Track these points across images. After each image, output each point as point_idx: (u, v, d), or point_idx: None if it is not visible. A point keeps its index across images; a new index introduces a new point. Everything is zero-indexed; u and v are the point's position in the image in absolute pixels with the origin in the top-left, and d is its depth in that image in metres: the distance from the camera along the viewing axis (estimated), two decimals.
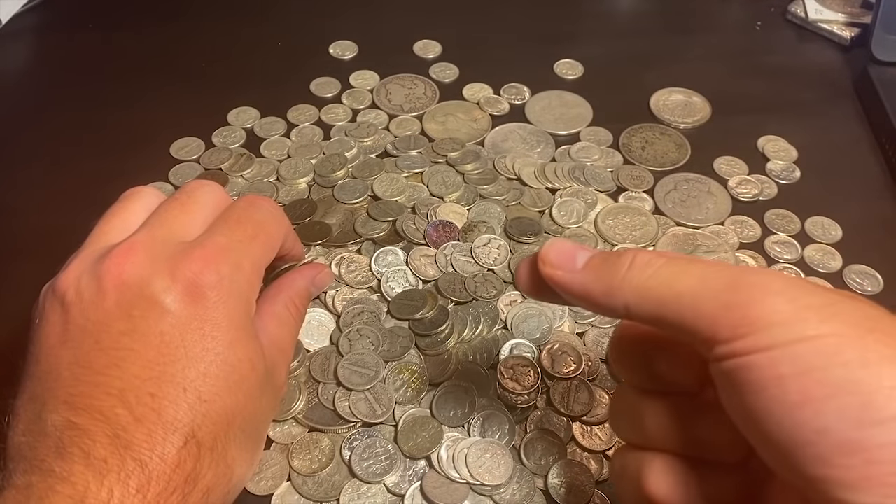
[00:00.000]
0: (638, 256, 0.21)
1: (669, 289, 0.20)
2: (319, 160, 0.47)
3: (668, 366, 0.23)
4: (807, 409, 0.17)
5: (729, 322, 0.19)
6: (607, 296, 0.21)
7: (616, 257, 0.22)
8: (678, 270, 0.20)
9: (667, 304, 0.20)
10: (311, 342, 0.38)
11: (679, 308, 0.20)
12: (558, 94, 0.54)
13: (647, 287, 0.21)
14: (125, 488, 0.23)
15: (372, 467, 0.34)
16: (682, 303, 0.20)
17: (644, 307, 0.21)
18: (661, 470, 0.22)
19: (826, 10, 0.60)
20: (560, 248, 0.23)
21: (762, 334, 0.18)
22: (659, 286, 0.20)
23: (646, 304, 0.20)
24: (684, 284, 0.20)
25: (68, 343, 0.26)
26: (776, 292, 0.18)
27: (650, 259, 0.21)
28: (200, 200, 0.30)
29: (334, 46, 0.58)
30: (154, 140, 0.49)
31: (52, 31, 0.60)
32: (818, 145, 0.50)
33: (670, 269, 0.20)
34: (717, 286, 0.19)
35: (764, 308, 0.18)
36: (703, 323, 0.19)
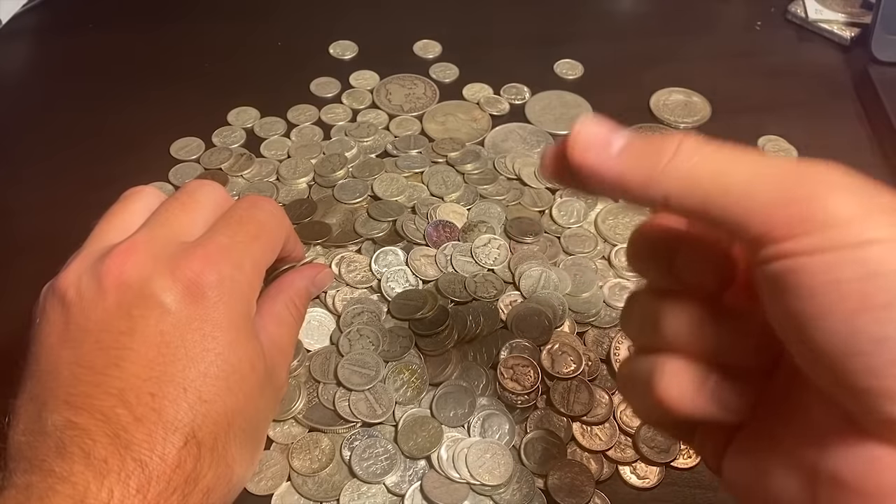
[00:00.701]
0: (685, 141, 0.19)
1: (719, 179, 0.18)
2: (319, 160, 0.47)
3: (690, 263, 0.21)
4: (866, 317, 0.16)
5: (785, 219, 0.16)
6: (646, 186, 0.19)
7: (660, 142, 0.19)
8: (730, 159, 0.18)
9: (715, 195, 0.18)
10: (311, 342, 0.38)
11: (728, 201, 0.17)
12: (558, 94, 0.54)
13: (694, 177, 0.18)
14: (125, 488, 0.23)
15: (372, 467, 0.34)
16: (733, 195, 0.17)
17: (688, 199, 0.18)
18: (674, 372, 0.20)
19: (826, 10, 0.60)
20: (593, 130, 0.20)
21: (823, 234, 0.16)
22: (707, 176, 0.18)
23: (691, 195, 0.18)
24: (736, 175, 0.18)
25: (69, 343, 0.26)
26: (841, 187, 0.17)
27: (697, 145, 0.19)
28: (201, 200, 0.30)
29: (334, 46, 0.58)
30: (154, 140, 0.49)
31: (52, 31, 0.60)
32: (818, 145, 0.50)
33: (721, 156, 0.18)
34: (774, 178, 0.17)
35: (826, 204, 0.16)
36: (756, 218, 0.17)
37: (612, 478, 0.34)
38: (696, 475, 0.34)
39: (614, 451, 0.35)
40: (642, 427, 0.35)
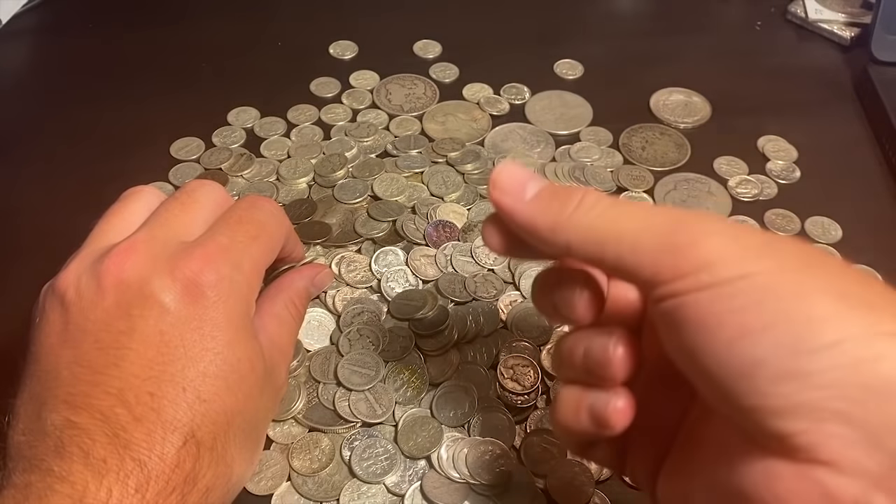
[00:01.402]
0: (587, 196, 0.21)
1: (613, 230, 0.20)
2: (319, 160, 0.47)
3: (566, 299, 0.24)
4: (743, 342, 0.18)
5: (670, 263, 0.19)
6: (552, 231, 0.21)
7: (566, 194, 0.22)
8: (622, 212, 0.21)
9: (609, 244, 0.20)
10: (311, 342, 0.38)
11: (621, 250, 0.20)
12: (558, 94, 0.54)
13: (592, 227, 0.21)
14: (124, 488, 0.23)
15: (372, 467, 0.33)
16: (624, 245, 0.20)
17: (586, 247, 0.21)
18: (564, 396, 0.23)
19: (826, 10, 0.60)
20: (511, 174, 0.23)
21: (702, 274, 0.18)
22: (603, 227, 0.21)
23: (589, 244, 0.21)
24: (627, 226, 0.20)
25: (68, 342, 0.26)
26: (716, 233, 0.19)
27: (596, 200, 0.21)
28: (201, 200, 0.30)
29: (334, 46, 0.58)
30: (154, 140, 0.49)
31: (52, 31, 0.60)
32: (818, 145, 0.50)
33: (615, 210, 0.21)
34: (659, 229, 0.20)
35: (704, 248, 0.19)
36: (645, 265, 0.19)
37: (612, 478, 0.34)
38: None
39: None
40: None
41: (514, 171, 0.23)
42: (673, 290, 0.19)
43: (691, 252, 0.19)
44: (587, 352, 0.22)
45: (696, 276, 0.18)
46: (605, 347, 0.22)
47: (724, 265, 0.18)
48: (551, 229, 0.22)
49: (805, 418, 0.17)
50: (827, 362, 0.17)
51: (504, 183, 0.23)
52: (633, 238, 0.20)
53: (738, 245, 0.19)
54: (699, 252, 0.19)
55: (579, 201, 0.21)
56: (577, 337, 0.23)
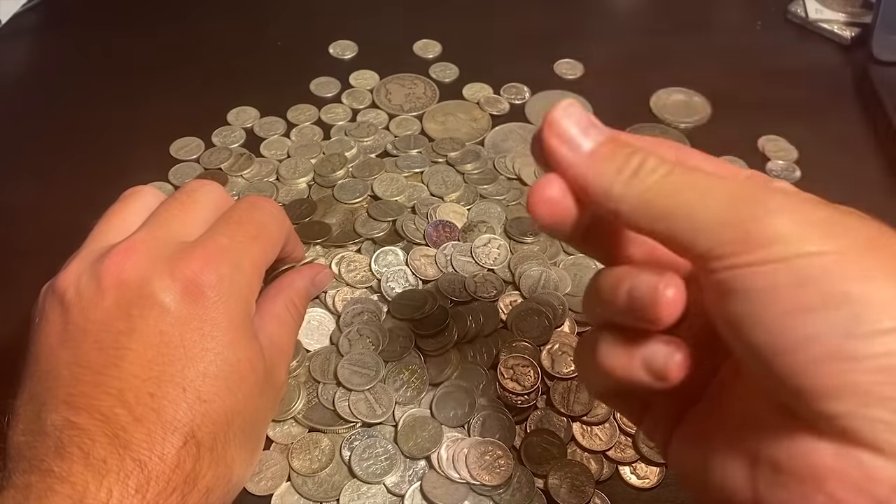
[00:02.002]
0: (646, 161, 0.20)
1: (669, 202, 0.19)
2: (319, 160, 0.47)
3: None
4: (797, 317, 0.17)
5: (728, 239, 0.18)
6: (604, 196, 0.20)
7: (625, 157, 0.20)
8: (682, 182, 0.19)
9: (663, 217, 0.19)
10: (311, 342, 0.38)
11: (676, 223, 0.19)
12: (558, 94, 0.54)
13: (647, 198, 0.20)
14: (124, 488, 0.23)
15: (372, 467, 0.33)
16: (680, 218, 0.19)
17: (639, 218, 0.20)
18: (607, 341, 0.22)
19: (826, 10, 0.60)
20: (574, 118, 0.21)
21: (763, 250, 0.18)
22: (658, 198, 0.19)
23: (642, 215, 0.20)
24: (685, 198, 0.19)
25: (68, 342, 0.26)
26: (780, 209, 0.18)
27: (656, 165, 0.20)
28: (201, 200, 0.30)
29: (334, 46, 0.58)
30: (154, 140, 0.49)
31: (52, 31, 0.60)
32: (818, 145, 0.50)
33: (672, 179, 0.20)
34: (718, 203, 0.19)
35: (765, 225, 0.18)
36: (702, 239, 0.19)
37: (612, 478, 0.34)
38: None
39: (614, 451, 0.35)
40: None
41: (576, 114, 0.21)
42: (731, 263, 0.18)
43: (752, 228, 0.18)
44: (632, 290, 0.21)
45: (757, 253, 0.18)
46: (655, 287, 0.20)
47: (787, 243, 0.18)
48: (604, 194, 0.20)
49: (851, 401, 0.17)
50: (881, 348, 0.17)
51: (563, 128, 0.21)
52: (689, 212, 0.19)
53: (804, 222, 0.18)
54: (762, 229, 0.18)
55: (638, 166, 0.20)
56: (621, 273, 0.21)
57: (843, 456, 0.17)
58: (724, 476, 0.20)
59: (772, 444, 0.19)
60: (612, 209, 0.20)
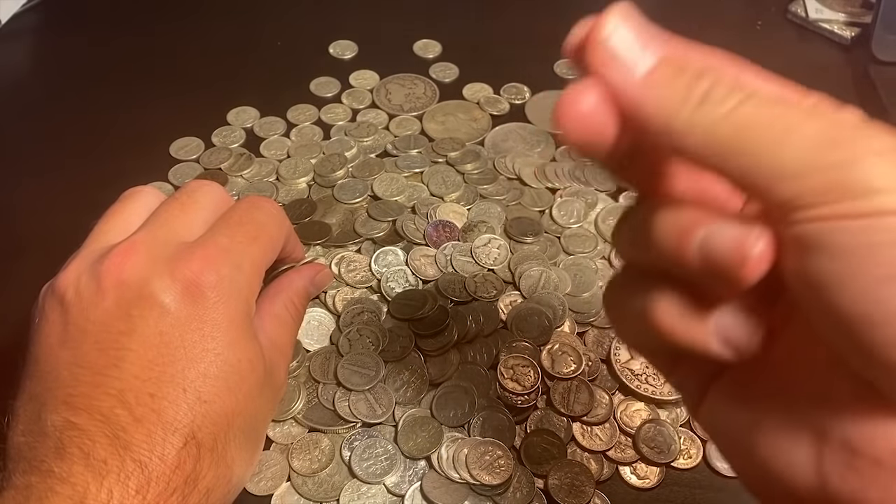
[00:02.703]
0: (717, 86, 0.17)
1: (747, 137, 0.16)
2: (319, 160, 0.47)
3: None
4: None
5: (819, 185, 0.15)
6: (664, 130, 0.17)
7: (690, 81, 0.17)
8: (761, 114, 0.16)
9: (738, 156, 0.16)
10: (311, 342, 0.38)
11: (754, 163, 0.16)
12: (558, 94, 0.53)
13: (718, 131, 0.16)
14: (125, 489, 0.23)
15: (372, 467, 0.33)
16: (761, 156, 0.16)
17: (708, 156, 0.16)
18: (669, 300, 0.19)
19: (826, 10, 0.60)
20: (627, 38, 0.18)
21: (860, 201, 0.15)
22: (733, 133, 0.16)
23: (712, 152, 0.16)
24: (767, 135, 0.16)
25: (68, 343, 0.26)
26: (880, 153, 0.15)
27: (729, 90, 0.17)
28: (201, 201, 0.30)
29: (334, 46, 0.58)
30: (154, 140, 0.49)
31: (52, 31, 0.60)
32: None
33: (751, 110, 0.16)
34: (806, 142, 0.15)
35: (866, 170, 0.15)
36: (786, 184, 0.15)
37: (612, 478, 0.34)
38: (696, 475, 0.34)
39: (614, 451, 0.35)
40: (642, 427, 0.35)
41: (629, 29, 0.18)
42: (819, 214, 0.15)
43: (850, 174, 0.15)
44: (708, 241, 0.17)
45: (853, 203, 0.15)
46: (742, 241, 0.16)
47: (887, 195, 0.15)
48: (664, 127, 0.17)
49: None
50: None
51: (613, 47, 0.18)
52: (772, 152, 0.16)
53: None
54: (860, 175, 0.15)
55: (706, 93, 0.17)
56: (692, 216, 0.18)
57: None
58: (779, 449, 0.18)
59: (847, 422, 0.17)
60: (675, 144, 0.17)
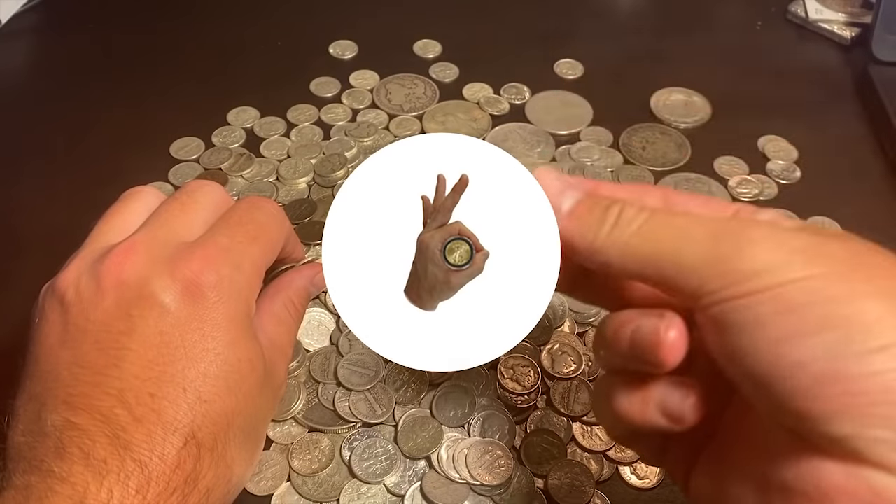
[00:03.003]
0: (624, 211, 0.21)
1: (653, 248, 0.20)
2: (319, 160, 0.47)
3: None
4: (788, 344, 0.18)
5: (713, 275, 0.19)
6: (590, 251, 0.21)
7: (602, 211, 0.21)
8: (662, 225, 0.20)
9: (650, 263, 0.20)
10: (311, 342, 0.38)
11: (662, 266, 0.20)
12: (558, 94, 0.54)
13: (631, 246, 0.20)
14: (125, 489, 0.23)
15: (372, 468, 0.33)
16: (666, 261, 0.20)
17: (627, 266, 0.20)
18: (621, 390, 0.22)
19: (826, 10, 0.60)
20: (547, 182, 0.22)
21: (747, 282, 0.18)
22: (642, 246, 0.20)
23: (629, 263, 0.20)
24: (667, 242, 0.20)
25: (68, 343, 0.25)
26: (760, 240, 0.19)
27: (635, 214, 0.21)
28: (201, 200, 0.30)
29: (334, 46, 0.58)
30: (154, 140, 0.49)
31: (52, 31, 0.60)
32: (818, 145, 0.50)
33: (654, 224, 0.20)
34: (701, 241, 0.19)
35: (749, 257, 0.18)
36: (688, 279, 0.19)
37: (612, 478, 0.34)
38: None
39: (614, 451, 0.35)
40: None
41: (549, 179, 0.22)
42: (718, 298, 0.19)
43: (736, 262, 0.18)
44: (635, 334, 0.21)
45: (743, 285, 0.18)
46: (656, 330, 0.20)
47: (770, 273, 0.18)
48: (589, 249, 0.21)
49: (852, 423, 0.17)
50: (874, 366, 0.17)
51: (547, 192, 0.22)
52: (673, 255, 0.20)
53: (784, 250, 0.18)
54: (744, 261, 0.18)
55: (617, 217, 0.21)
56: (624, 317, 0.22)
57: (852, 475, 0.17)
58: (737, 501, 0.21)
59: (781, 467, 0.19)
60: (600, 261, 0.21)
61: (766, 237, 0.19)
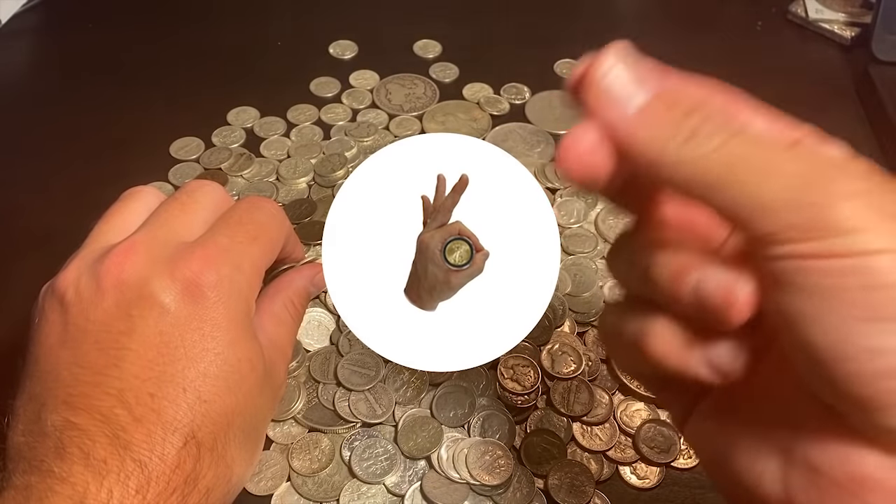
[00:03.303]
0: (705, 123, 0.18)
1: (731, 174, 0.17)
2: (319, 160, 0.47)
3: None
4: (867, 326, 0.16)
5: (798, 222, 0.16)
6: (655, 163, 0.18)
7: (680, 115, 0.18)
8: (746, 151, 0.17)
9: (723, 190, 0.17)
10: (311, 342, 0.38)
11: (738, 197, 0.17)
12: (558, 94, 0.54)
13: (706, 167, 0.17)
14: (124, 489, 0.23)
15: (372, 467, 0.33)
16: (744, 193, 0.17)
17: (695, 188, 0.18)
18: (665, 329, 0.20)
19: (827, 10, 0.60)
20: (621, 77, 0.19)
21: (833, 240, 0.16)
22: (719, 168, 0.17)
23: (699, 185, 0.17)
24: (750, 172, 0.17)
25: (68, 343, 0.25)
26: (855, 195, 0.16)
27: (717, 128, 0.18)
28: (201, 200, 0.30)
29: (334, 46, 0.58)
30: (154, 140, 0.49)
31: (52, 31, 0.60)
32: None
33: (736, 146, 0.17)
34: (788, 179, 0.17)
35: (842, 212, 0.16)
36: (766, 219, 0.16)
37: (612, 478, 0.34)
38: (696, 475, 0.34)
39: (614, 451, 0.35)
40: (642, 427, 0.35)
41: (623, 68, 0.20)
42: (795, 251, 0.16)
43: (824, 214, 0.16)
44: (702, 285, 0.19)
45: (829, 242, 0.16)
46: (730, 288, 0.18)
47: (863, 235, 0.16)
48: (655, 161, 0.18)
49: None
50: None
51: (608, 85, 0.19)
52: (755, 188, 0.17)
53: (881, 214, 0.16)
54: (836, 216, 0.16)
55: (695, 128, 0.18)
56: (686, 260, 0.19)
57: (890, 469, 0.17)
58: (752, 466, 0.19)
59: (811, 444, 0.18)
60: (663, 175, 0.18)
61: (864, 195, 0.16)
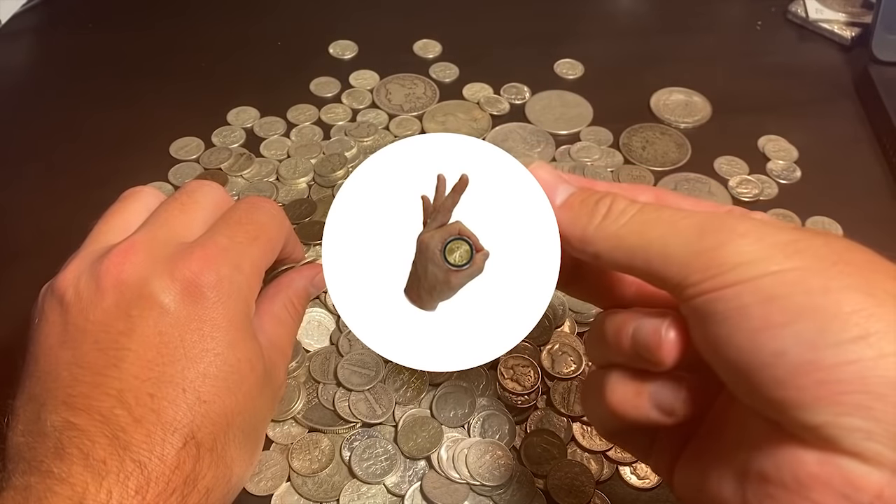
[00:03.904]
0: (615, 204, 0.22)
1: (641, 240, 0.21)
2: (319, 160, 0.47)
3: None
4: (766, 334, 0.18)
5: (698, 267, 0.20)
6: (580, 241, 0.22)
7: (593, 202, 0.22)
8: (650, 219, 0.21)
9: (637, 253, 0.21)
10: (311, 342, 0.38)
11: (649, 257, 0.21)
12: (558, 94, 0.54)
13: (620, 238, 0.21)
14: (124, 489, 0.23)
15: (372, 468, 0.33)
16: (653, 253, 0.21)
17: (616, 257, 0.21)
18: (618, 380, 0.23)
19: (827, 10, 0.60)
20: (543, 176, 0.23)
21: (729, 273, 0.19)
22: (631, 237, 0.21)
23: (617, 253, 0.21)
24: (655, 234, 0.21)
25: (67, 343, 0.25)
26: (742, 234, 0.19)
27: (625, 207, 0.22)
28: (200, 201, 0.30)
29: (334, 46, 0.58)
30: (154, 140, 0.49)
31: (52, 31, 0.60)
32: (818, 145, 0.50)
33: (642, 217, 0.21)
34: (686, 234, 0.20)
35: (731, 250, 0.19)
36: (673, 270, 0.20)
37: (612, 478, 0.34)
38: None
39: (614, 451, 0.35)
40: None
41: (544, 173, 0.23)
42: (703, 289, 0.19)
43: (718, 255, 0.19)
44: (636, 334, 0.22)
45: (725, 277, 0.19)
46: (657, 330, 0.21)
47: (751, 265, 0.19)
48: (580, 239, 0.22)
49: (827, 411, 0.17)
50: (850, 356, 0.17)
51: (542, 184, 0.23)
52: (660, 246, 0.20)
53: (766, 244, 0.19)
54: (726, 254, 0.19)
55: (607, 210, 0.22)
56: (625, 317, 0.23)
57: (827, 464, 0.18)
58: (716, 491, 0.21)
59: (759, 456, 0.20)
60: (590, 252, 0.22)
61: (750, 231, 0.19)
